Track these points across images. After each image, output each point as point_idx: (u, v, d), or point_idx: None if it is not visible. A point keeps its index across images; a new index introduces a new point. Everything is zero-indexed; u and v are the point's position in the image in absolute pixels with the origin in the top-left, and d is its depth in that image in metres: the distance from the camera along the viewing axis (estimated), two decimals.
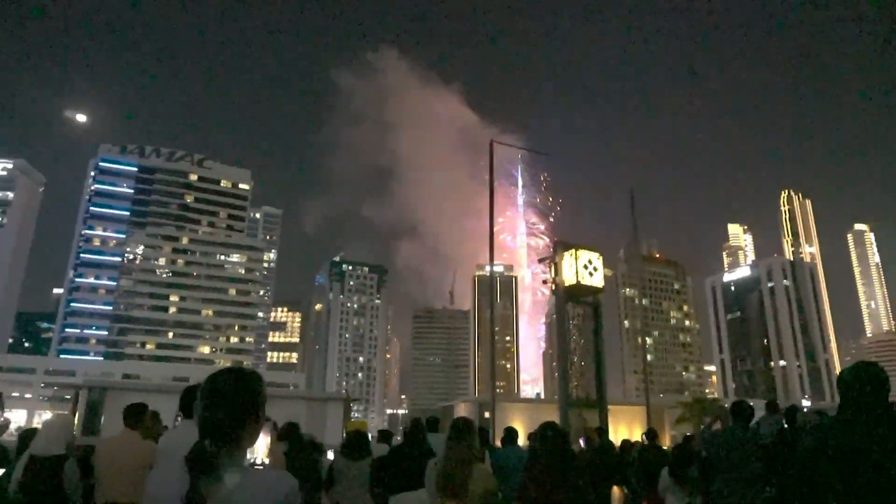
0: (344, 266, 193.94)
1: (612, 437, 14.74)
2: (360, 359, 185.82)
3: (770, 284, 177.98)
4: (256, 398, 1.98)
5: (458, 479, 4.19)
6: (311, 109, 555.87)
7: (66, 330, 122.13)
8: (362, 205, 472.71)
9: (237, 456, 1.88)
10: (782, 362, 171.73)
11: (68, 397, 54.89)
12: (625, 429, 31.45)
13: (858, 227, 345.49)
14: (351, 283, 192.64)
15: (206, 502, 1.73)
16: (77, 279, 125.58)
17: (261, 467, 5.77)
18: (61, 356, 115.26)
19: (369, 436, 8.01)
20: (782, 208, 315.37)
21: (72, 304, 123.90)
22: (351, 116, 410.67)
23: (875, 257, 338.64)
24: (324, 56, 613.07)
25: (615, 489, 10.59)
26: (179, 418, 4.61)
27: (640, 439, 13.04)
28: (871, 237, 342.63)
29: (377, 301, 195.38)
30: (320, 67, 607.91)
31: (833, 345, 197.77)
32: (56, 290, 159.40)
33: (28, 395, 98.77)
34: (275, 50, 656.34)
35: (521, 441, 8.93)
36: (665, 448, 11.39)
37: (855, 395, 2.93)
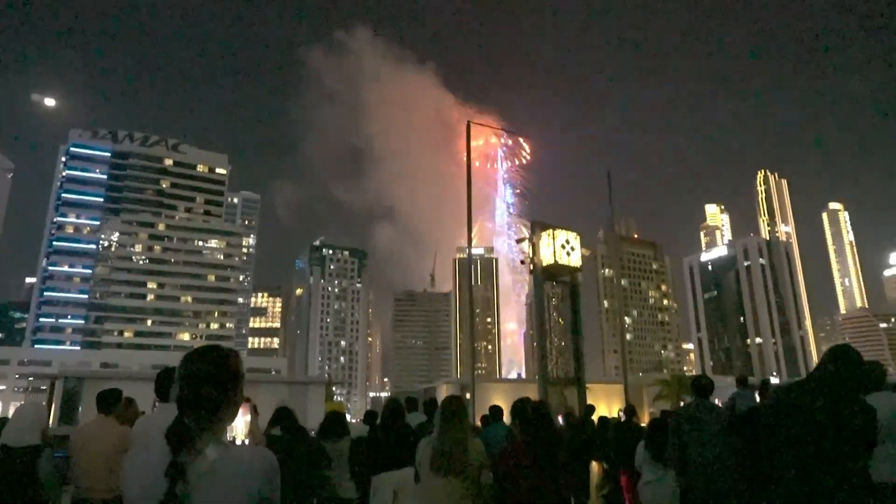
0: (324, 250, 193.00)
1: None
2: (342, 343, 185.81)
3: (746, 263, 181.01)
4: (233, 374, 2.01)
5: (456, 456, 4.25)
6: (284, 92, 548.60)
7: (41, 319, 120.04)
8: (339, 188, 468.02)
9: (216, 431, 1.91)
10: (758, 340, 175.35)
11: (45, 388, 54.15)
12: (604, 406, 31.91)
13: (833, 206, 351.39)
14: (331, 267, 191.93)
15: (187, 476, 1.75)
16: (50, 267, 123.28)
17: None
18: (36, 346, 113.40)
19: (348, 417, 7.99)
20: (759, 188, 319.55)
21: (45, 293, 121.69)
22: (325, 98, 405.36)
23: (849, 236, 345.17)
24: (295, 36, 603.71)
25: (594, 464, 10.79)
26: (157, 404, 4.56)
27: (617, 416, 13.25)
28: (845, 216, 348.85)
29: (358, 285, 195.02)
30: (292, 48, 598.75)
31: (808, 322, 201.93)
32: (29, 279, 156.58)
33: (2, 388, 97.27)
34: (245, 29, 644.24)
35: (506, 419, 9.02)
36: (642, 424, 11.59)
37: (821, 366, 3.27)
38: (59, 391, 34.77)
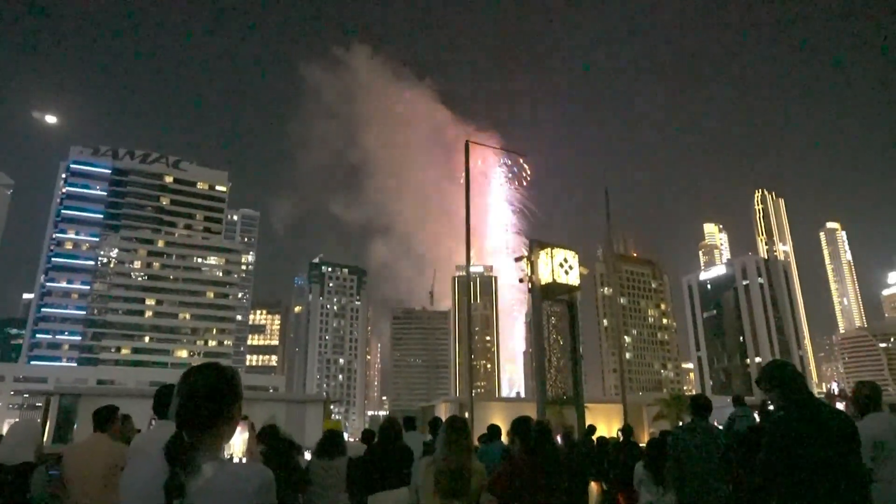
0: (323, 268, 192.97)
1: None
2: (341, 360, 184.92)
3: (745, 282, 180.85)
4: (232, 392, 2.03)
5: (459, 479, 4.20)
6: (283, 110, 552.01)
7: (37, 336, 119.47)
8: (337, 204, 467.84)
9: (214, 448, 1.93)
10: (758, 359, 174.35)
11: (40, 405, 53.70)
12: (604, 426, 31.69)
13: (831, 225, 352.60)
14: (330, 284, 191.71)
15: (185, 491, 1.76)
16: (48, 283, 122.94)
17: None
18: (32, 363, 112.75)
19: (346, 435, 7.96)
20: (756, 207, 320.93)
21: (43, 310, 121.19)
22: (323, 114, 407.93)
23: (847, 255, 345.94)
24: (294, 54, 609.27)
25: (593, 484, 10.70)
26: (154, 421, 4.53)
27: (616, 436, 13.19)
28: (842, 235, 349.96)
29: (357, 302, 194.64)
30: (291, 65, 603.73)
31: (807, 341, 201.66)
32: (26, 295, 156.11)
33: None
34: (245, 47, 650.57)
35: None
36: (640, 444, 11.54)
37: (791, 384, 3.47)
38: (55, 408, 34.36)
